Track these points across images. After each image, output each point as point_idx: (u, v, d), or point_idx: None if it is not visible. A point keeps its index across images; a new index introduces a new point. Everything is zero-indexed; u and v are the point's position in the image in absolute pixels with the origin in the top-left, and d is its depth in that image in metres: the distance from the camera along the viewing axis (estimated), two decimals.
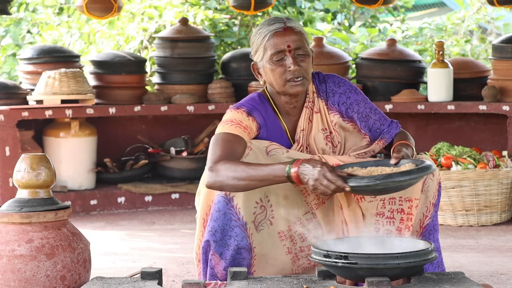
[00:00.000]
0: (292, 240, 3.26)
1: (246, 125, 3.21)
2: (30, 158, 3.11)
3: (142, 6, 7.98)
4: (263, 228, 3.21)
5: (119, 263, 4.42)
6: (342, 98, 3.33)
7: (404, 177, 2.96)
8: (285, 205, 3.24)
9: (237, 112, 3.23)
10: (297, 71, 3.19)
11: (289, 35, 3.20)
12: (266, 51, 3.21)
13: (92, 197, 6.08)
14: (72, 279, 3.05)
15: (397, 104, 6.08)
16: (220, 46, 7.81)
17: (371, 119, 3.35)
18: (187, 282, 2.87)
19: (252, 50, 3.28)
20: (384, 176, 2.95)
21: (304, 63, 3.21)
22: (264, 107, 3.28)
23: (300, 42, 3.21)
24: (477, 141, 6.22)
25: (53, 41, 8.22)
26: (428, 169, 3.02)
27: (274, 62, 3.20)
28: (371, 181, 2.93)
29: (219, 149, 3.14)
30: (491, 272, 4.04)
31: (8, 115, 5.77)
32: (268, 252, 3.23)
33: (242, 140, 3.17)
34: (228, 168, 3.05)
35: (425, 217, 3.28)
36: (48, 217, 3.07)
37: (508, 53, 5.91)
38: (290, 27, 3.21)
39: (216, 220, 3.16)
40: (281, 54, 3.19)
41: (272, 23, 3.22)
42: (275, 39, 3.19)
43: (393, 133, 3.35)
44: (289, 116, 3.32)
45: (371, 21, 9.40)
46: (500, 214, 5.38)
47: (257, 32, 3.25)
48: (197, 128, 6.59)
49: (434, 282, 2.84)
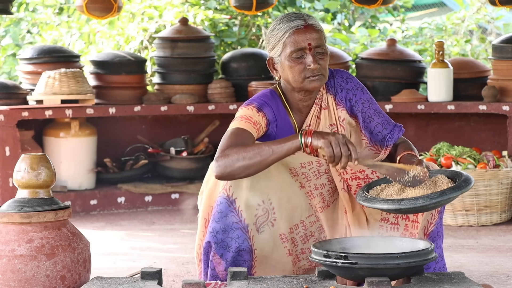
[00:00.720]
0: (293, 242, 3.25)
1: (255, 121, 3.18)
2: (30, 158, 3.11)
3: (142, 6, 7.98)
4: (264, 230, 3.20)
5: (119, 263, 4.42)
6: (348, 94, 3.31)
7: (456, 192, 2.91)
8: (287, 208, 3.22)
9: (247, 109, 3.21)
10: (316, 70, 3.17)
11: (310, 33, 3.17)
12: (286, 47, 3.17)
13: (92, 197, 6.08)
14: (72, 279, 3.05)
15: (397, 104, 6.08)
16: (220, 46, 7.81)
17: (373, 121, 3.32)
18: (187, 282, 2.86)
19: (269, 45, 3.24)
20: (439, 194, 2.89)
21: (323, 61, 3.19)
22: (276, 103, 3.26)
23: (320, 40, 3.18)
24: (477, 141, 6.21)
25: (53, 41, 8.22)
26: (470, 180, 2.98)
27: (294, 59, 3.17)
28: (426, 201, 2.88)
29: (227, 141, 3.11)
30: (491, 272, 4.04)
31: (8, 115, 5.77)
32: (269, 254, 3.22)
33: (250, 134, 3.15)
34: (238, 151, 3.03)
35: (429, 224, 3.22)
36: (48, 217, 3.06)
37: (508, 53, 5.91)
38: (311, 24, 3.18)
39: (218, 222, 3.15)
40: (301, 51, 3.17)
41: (293, 19, 3.18)
42: (296, 36, 3.16)
43: (396, 137, 3.31)
44: (300, 114, 3.30)
45: (371, 21, 9.40)
46: (500, 214, 5.38)
47: (275, 28, 3.20)
48: (197, 128, 6.59)
49: (434, 282, 2.84)
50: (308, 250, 3.26)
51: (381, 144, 3.31)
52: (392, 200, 2.94)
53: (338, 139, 2.97)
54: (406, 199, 2.91)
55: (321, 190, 3.27)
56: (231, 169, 3.03)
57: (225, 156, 3.04)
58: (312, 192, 3.26)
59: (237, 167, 3.02)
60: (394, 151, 3.32)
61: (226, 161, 3.03)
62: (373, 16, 9.40)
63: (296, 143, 3.02)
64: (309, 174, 3.24)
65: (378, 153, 3.31)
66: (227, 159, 3.03)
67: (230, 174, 3.05)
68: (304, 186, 3.25)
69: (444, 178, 3.06)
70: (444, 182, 3.04)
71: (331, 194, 3.30)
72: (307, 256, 3.27)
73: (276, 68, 3.25)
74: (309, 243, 3.26)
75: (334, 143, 2.96)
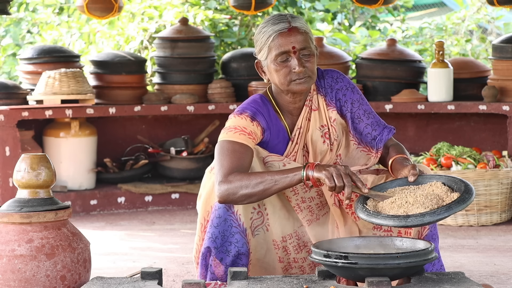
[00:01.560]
0: (285, 250, 3.25)
1: (250, 131, 3.16)
2: (30, 158, 3.11)
3: (142, 6, 7.98)
4: (259, 233, 3.20)
5: (119, 263, 4.42)
6: (338, 94, 3.28)
7: (462, 206, 2.87)
8: (281, 216, 3.23)
9: (240, 118, 3.18)
10: (302, 72, 3.14)
11: (294, 36, 3.13)
12: (271, 51, 3.15)
13: (92, 197, 6.08)
14: (72, 279, 3.05)
15: (397, 104, 6.08)
16: (220, 46, 7.81)
17: (362, 122, 3.29)
18: (187, 282, 2.86)
19: (256, 48, 3.23)
20: (446, 209, 2.85)
21: (309, 63, 3.16)
22: (267, 109, 3.24)
23: (306, 42, 3.15)
24: (477, 141, 6.21)
25: (53, 41, 8.22)
26: (472, 191, 2.93)
27: (279, 62, 3.15)
28: (433, 217, 2.84)
29: (226, 161, 3.08)
30: (491, 272, 4.04)
31: (8, 115, 5.78)
32: (262, 256, 3.23)
33: (248, 148, 3.13)
34: (242, 178, 3.02)
35: (423, 228, 3.20)
36: (48, 217, 3.06)
37: (508, 53, 5.91)
38: (295, 27, 3.14)
39: (217, 227, 3.14)
40: (286, 55, 3.14)
41: (277, 22, 3.15)
42: (280, 39, 3.13)
43: (385, 139, 3.27)
44: (291, 116, 3.28)
45: (371, 21, 9.40)
46: (500, 214, 5.38)
47: (261, 31, 3.18)
48: (197, 128, 6.60)
49: (434, 282, 2.84)
50: (301, 260, 3.26)
51: (371, 146, 3.28)
52: (398, 217, 2.88)
53: (340, 170, 2.94)
54: (412, 216, 2.86)
55: (309, 203, 3.25)
56: (233, 197, 3.03)
57: (229, 182, 3.03)
58: (299, 205, 3.24)
59: (240, 195, 3.03)
60: (386, 154, 3.28)
61: (229, 188, 3.03)
62: (373, 16, 9.40)
63: (299, 176, 3.00)
64: (297, 187, 3.22)
65: (370, 155, 3.28)
66: (230, 186, 3.03)
67: (233, 201, 3.06)
68: (290, 199, 3.24)
69: (441, 186, 3.00)
70: (443, 191, 2.98)
71: (320, 208, 3.28)
72: (300, 266, 3.27)
73: (264, 71, 3.24)
74: (302, 253, 3.26)
75: (336, 174, 2.93)
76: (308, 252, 3.27)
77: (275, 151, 3.23)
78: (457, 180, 3.02)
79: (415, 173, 3.05)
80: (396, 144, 3.30)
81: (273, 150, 3.23)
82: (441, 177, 3.06)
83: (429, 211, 2.86)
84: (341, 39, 8.39)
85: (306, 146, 3.28)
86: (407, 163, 3.14)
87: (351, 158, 3.31)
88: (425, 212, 2.86)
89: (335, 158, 3.28)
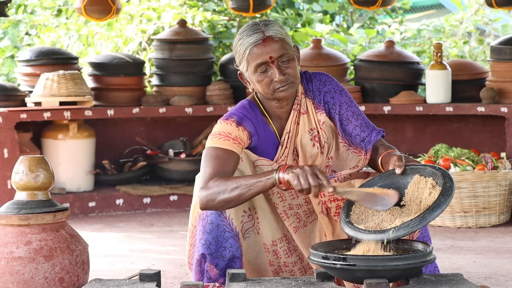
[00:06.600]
0: (276, 254, 3.26)
1: (235, 136, 3.14)
2: (29, 160, 3.11)
3: (141, 8, 7.99)
4: (250, 236, 3.21)
5: (118, 265, 4.42)
6: (326, 97, 3.26)
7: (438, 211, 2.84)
8: (271, 220, 3.24)
9: (226, 124, 3.17)
10: (283, 80, 3.12)
11: (270, 45, 3.10)
12: (249, 63, 3.13)
13: (91, 199, 6.08)
14: (71, 281, 3.05)
15: (396, 105, 6.09)
16: (219, 47, 7.81)
17: (351, 123, 3.26)
18: (185, 284, 2.86)
19: (236, 60, 3.20)
20: (419, 221, 2.82)
21: (289, 69, 3.13)
22: (255, 114, 3.22)
23: (282, 49, 3.11)
24: (476, 143, 6.22)
25: (51, 43, 8.22)
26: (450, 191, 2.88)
27: (259, 73, 3.13)
28: (407, 229, 2.82)
29: (209, 167, 3.08)
30: (490, 274, 4.04)
31: (7, 117, 5.77)
32: (253, 259, 3.24)
33: (233, 154, 3.11)
34: (219, 184, 3.01)
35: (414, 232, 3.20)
36: (46, 219, 3.06)
37: (506, 55, 5.92)
38: (269, 36, 3.10)
39: (210, 233, 3.13)
40: (265, 65, 3.11)
41: (251, 33, 3.12)
42: (256, 51, 3.10)
43: (374, 140, 3.24)
44: (280, 120, 3.26)
45: (369, 23, 9.41)
46: (499, 216, 5.39)
47: (237, 43, 3.16)
48: (195, 130, 6.59)
49: (432, 283, 2.84)
50: (292, 264, 3.27)
51: (361, 147, 3.26)
52: (375, 232, 2.87)
53: (306, 171, 2.90)
54: (389, 230, 2.84)
55: (296, 210, 3.25)
56: (212, 203, 3.03)
57: (207, 189, 3.03)
58: (286, 212, 3.24)
59: (218, 201, 3.02)
60: (376, 155, 3.24)
61: (208, 194, 3.02)
62: (371, 17, 9.41)
63: (271, 179, 2.97)
64: (285, 194, 3.22)
65: (361, 156, 3.26)
66: (208, 192, 3.02)
67: (213, 207, 3.05)
68: (277, 206, 3.23)
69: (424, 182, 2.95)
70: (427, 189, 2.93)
71: (308, 215, 3.28)
72: (290, 270, 3.28)
73: (248, 81, 3.23)
74: (292, 257, 3.26)
75: (302, 175, 2.90)
76: (298, 257, 3.28)
77: (265, 156, 3.22)
78: (441, 172, 2.95)
79: (400, 164, 3.01)
80: (386, 145, 3.26)
81: (263, 155, 3.22)
82: (425, 170, 2.99)
83: (402, 225, 2.83)
84: (339, 40, 8.40)
85: (296, 150, 3.26)
86: (394, 153, 3.10)
87: (342, 160, 3.30)
88: (399, 226, 2.83)
89: (326, 161, 3.26)
